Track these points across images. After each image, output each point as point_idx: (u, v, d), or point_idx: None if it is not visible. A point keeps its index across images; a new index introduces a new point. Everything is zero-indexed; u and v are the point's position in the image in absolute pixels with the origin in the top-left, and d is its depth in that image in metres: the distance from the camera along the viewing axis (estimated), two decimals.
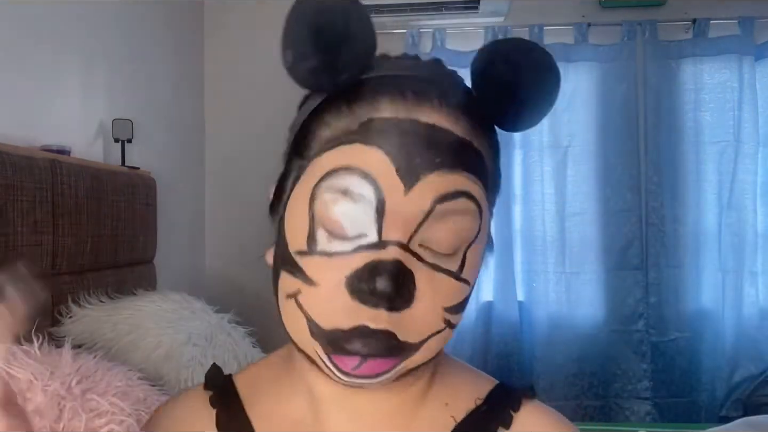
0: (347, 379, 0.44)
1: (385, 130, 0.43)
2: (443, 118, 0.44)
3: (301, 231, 0.44)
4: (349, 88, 0.45)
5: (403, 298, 0.41)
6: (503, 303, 2.67)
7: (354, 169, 0.42)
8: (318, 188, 0.43)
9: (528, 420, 0.51)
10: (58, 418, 1.02)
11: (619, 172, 2.65)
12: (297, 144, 0.47)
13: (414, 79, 0.45)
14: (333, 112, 0.45)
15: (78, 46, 1.88)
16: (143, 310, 1.62)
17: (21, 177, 1.40)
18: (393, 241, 0.42)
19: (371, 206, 0.42)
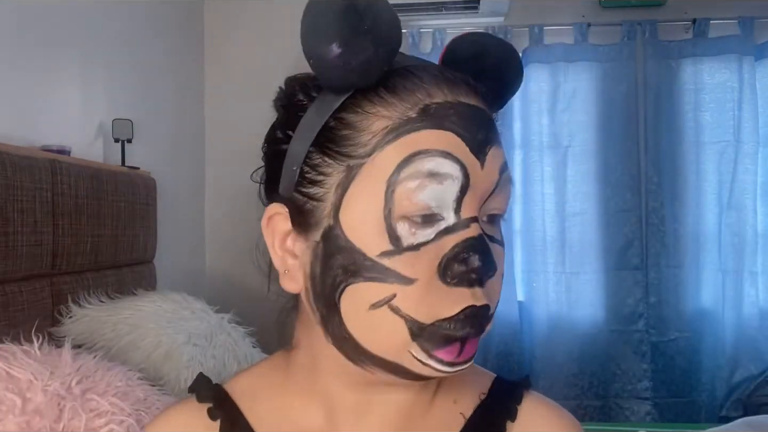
0: (451, 370, 0.44)
1: (446, 113, 0.44)
2: (477, 100, 0.46)
3: (378, 232, 0.42)
4: (381, 79, 0.44)
5: (492, 270, 0.44)
6: (503, 303, 2.63)
7: (434, 151, 0.42)
8: (395, 179, 0.42)
9: (531, 411, 0.53)
10: (58, 418, 1.02)
11: (619, 172, 2.65)
12: (328, 146, 0.45)
13: (433, 66, 0.47)
14: (379, 103, 0.44)
15: (78, 46, 1.88)
16: (143, 310, 1.62)
17: (21, 177, 1.40)
18: (470, 218, 0.43)
19: (458, 184, 0.43)
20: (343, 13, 0.41)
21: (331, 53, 0.41)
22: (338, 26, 0.41)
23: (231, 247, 2.66)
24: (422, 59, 0.50)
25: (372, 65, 0.42)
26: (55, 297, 1.54)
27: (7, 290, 1.37)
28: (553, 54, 2.66)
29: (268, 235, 0.49)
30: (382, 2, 0.43)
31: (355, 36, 0.41)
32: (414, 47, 2.71)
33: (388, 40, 0.43)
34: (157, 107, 2.39)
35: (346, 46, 0.41)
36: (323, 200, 0.45)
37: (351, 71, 0.42)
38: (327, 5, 0.42)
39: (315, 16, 0.43)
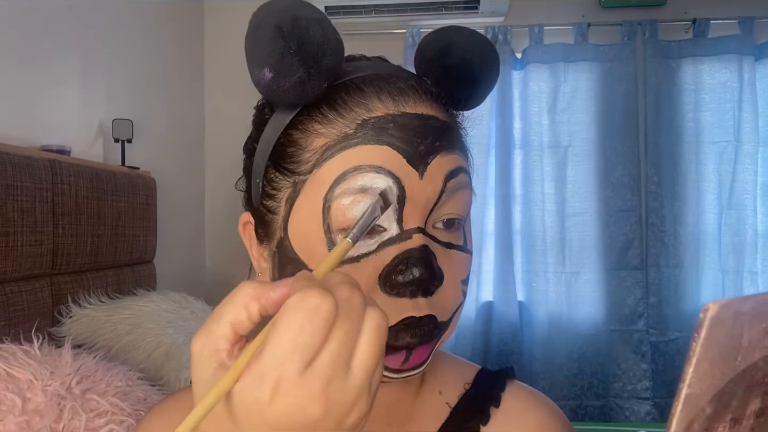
0: (396, 376, 0.45)
1: (383, 127, 0.44)
2: (427, 107, 0.46)
3: (318, 245, 0.44)
4: (325, 94, 0.45)
5: (437, 280, 0.44)
6: (503, 303, 2.67)
7: (366, 167, 0.43)
8: (330, 195, 0.43)
9: (514, 398, 0.55)
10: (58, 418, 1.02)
11: (619, 172, 2.65)
12: (279, 163, 0.47)
13: (385, 76, 0.47)
14: (318, 120, 0.45)
15: (78, 46, 1.88)
16: (143, 310, 1.63)
17: (21, 177, 1.40)
18: (414, 228, 0.44)
19: (393, 195, 0.43)
20: (271, 39, 0.43)
21: (265, 78, 0.43)
22: (267, 51, 0.43)
23: (231, 247, 2.65)
24: (384, 65, 0.50)
25: (305, 85, 0.44)
26: (55, 297, 1.54)
27: (7, 290, 1.37)
28: (553, 54, 2.66)
29: (245, 239, 0.52)
30: (311, 21, 0.43)
31: (282, 59, 0.43)
32: (414, 47, 2.71)
33: (318, 60, 0.43)
34: (157, 107, 2.39)
35: (276, 71, 0.43)
36: (276, 213, 0.47)
37: (285, 93, 0.44)
38: (259, 29, 0.44)
39: (250, 41, 0.44)
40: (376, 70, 0.48)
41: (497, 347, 2.66)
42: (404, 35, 2.73)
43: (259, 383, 0.30)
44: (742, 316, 0.26)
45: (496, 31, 2.68)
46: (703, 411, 0.26)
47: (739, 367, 0.27)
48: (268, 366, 0.30)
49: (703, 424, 0.26)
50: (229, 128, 2.80)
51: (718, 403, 0.27)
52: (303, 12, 0.44)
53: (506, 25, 2.69)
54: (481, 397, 0.54)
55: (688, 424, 0.26)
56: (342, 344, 0.31)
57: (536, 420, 0.54)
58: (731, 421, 0.27)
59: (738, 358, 0.27)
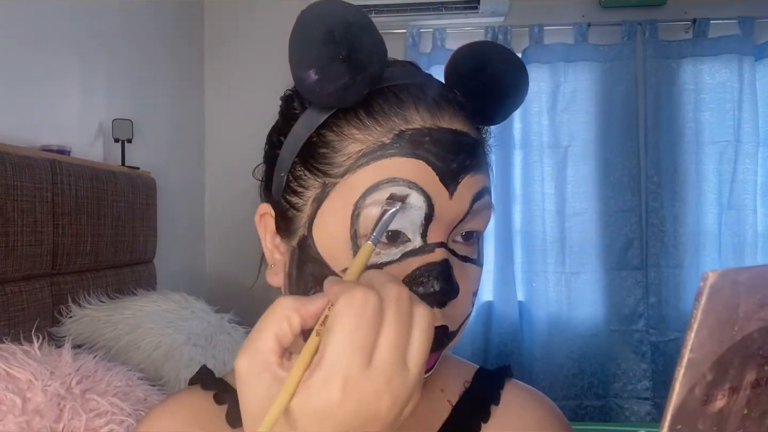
0: None
1: (420, 140, 0.44)
2: (461, 123, 0.47)
3: (344, 248, 0.44)
4: (364, 99, 0.45)
5: (453, 294, 0.44)
6: (503, 303, 2.67)
7: (399, 180, 0.43)
8: (362, 203, 0.43)
9: (513, 395, 0.56)
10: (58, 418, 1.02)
11: (619, 172, 2.65)
12: (309, 161, 0.47)
13: (421, 86, 0.47)
14: (356, 125, 0.45)
15: (78, 46, 1.88)
16: (143, 310, 1.63)
17: (21, 177, 1.40)
18: (437, 243, 0.44)
19: (421, 214, 0.44)
20: (322, 41, 0.43)
21: (309, 79, 0.43)
22: (315, 53, 0.43)
23: (231, 247, 2.66)
24: (418, 73, 0.50)
25: (349, 91, 0.44)
26: (55, 297, 1.54)
27: (7, 290, 1.37)
28: (553, 54, 2.66)
29: (260, 230, 0.52)
30: (363, 28, 0.44)
31: (330, 64, 0.43)
32: (414, 47, 2.71)
33: (365, 67, 0.44)
34: (157, 107, 2.39)
35: (322, 74, 0.43)
36: (301, 211, 0.47)
37: (328, 96, 0.44)
38: (309, 30, 0.43)
39: (298, 40, 0.44)
40: (412, 79, 0.48)
41: (497, 347, 2.66)
42: (404, 35, 2.73)
43: (326, 386, 0.31)
44: (739, 286, 0.27)
45: (496, 31, 2.68)
46: (704, 377, 0.28)
47: (735, 336, 0.28)
48: (333, 368, 0.32)
49: (704, 389, 0.28)
50: (229, 128, 2.81)
51: (717, 371, 0.28)
52: (355, 18, 0.44)
53: (506, 25, 2.69)
54: (481, 395, 0.55)
55: (690, 388, 0.28)
56: (397, 340, 0.33)
57: (534, 417, 0.56)
58: (730, 389, 0.29)
59: (735, 328, 0.28)
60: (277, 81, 0.52)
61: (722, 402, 0.29)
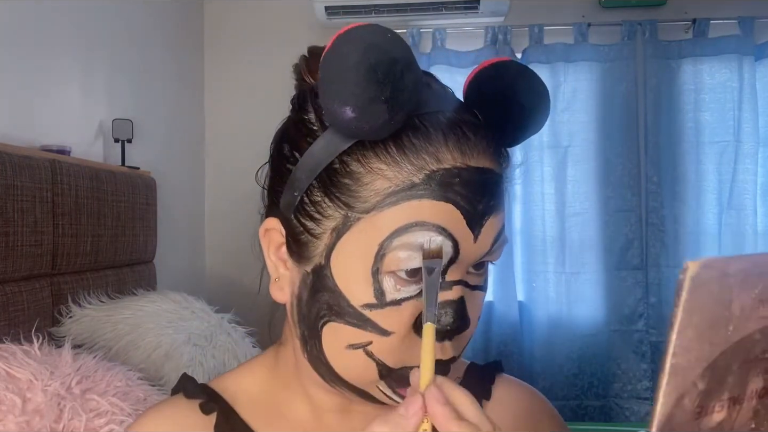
0: None
1: (450, 182, 0.43)
2: (488, 160, 0.46)
3: (364, 283, 0.44)
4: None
5: (465, 328, 0.45)
6: (503, 303, 2.67)
7: (429, 225, 0.43)
8: (388, 244, 0.43)
9: (504, 390, 0.57)
10: (58, 418, 1.02)
11: (619, 172, 2.65)
12: (331, 190, 0.45)
13: (454, 115, 0.46)
14: (384, 160, 0.43)
15: (78, 46, 1.88)
16: (143, 310, 1.62)
17: (21, 177, 1.40)
18: (455, 281, 0.44)
19: (447, 258, 0.43)
20: (363, 79, 0.40)
21: (345, 115, 0.41)
22: (354, 91, 0.40)
23: (231, 247, 2.66)
24: (441, 94, 0.48)
25: (384, 129, 0.42)
26: (55, 297, 1.54)
27: (7, 290, 1.37)
28: (553, 54, 2.66)
29: (264, 243, 0.50)
30: (407, 66, 0.41)
31: (370, 104, 0.40)
32: (414, 47, 2.71)
33: (405, 107, 0.42)
34: (157, 107, 2.39)
35: (360, 113, 0.40)
36: (318, 238, 0.46)
37: (363, 132, 0.42)
38: (348, 62, 0.40)
39: (335, 71, 0.41)
40: (439, 106, 0.46)
41: (497, 347, 2.66)
42: (404, 35, 2.72)
43: None
44: (729, 278, 0.24)
45: (496, 31, 2.68)
46: (694, 386, 0.24)
47: (731, 338, 0.24)
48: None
49: (696, 400, 0.24)
50: (229, 128, 2.81)
51: (711, 379, 0.24)
52: (400, 54, 0.41)
53: (506, 25, 2.69)
54: (472, 390, 0.55)
55: (678, 398, 0.24)
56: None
57: (525, 410, 0.56)
58: (730, 400, 0.25)
59: (729, 328, 0.24)
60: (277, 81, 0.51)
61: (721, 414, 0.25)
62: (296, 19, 2.69)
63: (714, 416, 0.25)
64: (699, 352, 0.24)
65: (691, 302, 0.23)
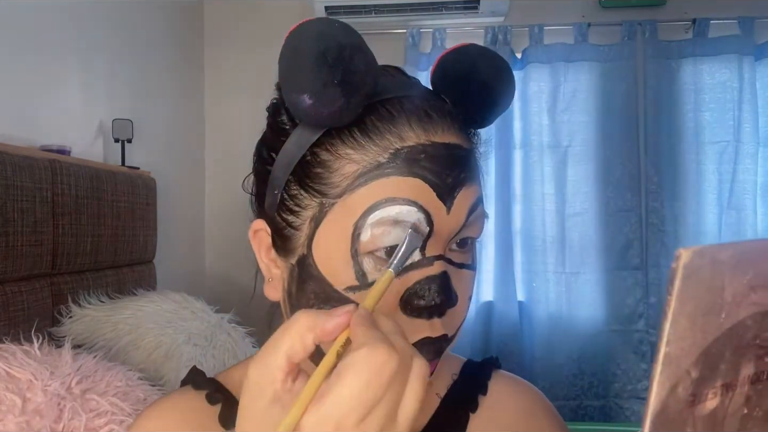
0: None
1: (416, 158, 0.45)
2: (453, 135, 0.47)
3: (345, 267, 0.45)
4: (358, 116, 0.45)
5: (451, 303, 0.45)
6: (503, 303, 2.67)
7: (399, 199, 0.44)
8: (362, 223, 0.44)
9: (500, 385, 0.58)
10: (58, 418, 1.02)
11: (619, 172, 2.65)
12: (305, 181, 0.47)
13: (414, 99, 0.48)
14: (351, 145, 0.45)
15: (78, 46, 1.88)
16: (143, 310, 1.62)
17: (21, 177, 1.40)
18: (435, 256, 0.45)
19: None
20: (315, 65, 0.42)
21: (303, 103, 0.43)
22: (309, 77, 0.42)
23: (231, 247, 2.66)
24: (405, 82, 0.50)
25: (344, 113, 0.44)
26: (55, 297, 1.54)
27: (7, 290, 1.37)
28: (553, 54, 2.66)
29: (255, 245, 0.52)
30: (355, 50, 0.43)
31: (324, 88, 0.42)
32: (414, 47, 2.71)
33: (360, 89, 0.44)
34: (157, 107, 2.39)
35: (317, 98, 0.43)
36: (299, 230, 0.47)
37: (323, 119, 0.44)
38: (300, 54, 0.43)
39: (289, 64, 0.44)
40: (402, 91, 0.48)
41: (497, 347, 2.66)
42: (404, 35, 2.72)
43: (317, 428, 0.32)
44: (721, 265, 0.24)
45: (496, 31, 2.68)
46: (687, 374, 0.24)
47: (723, 325, 0.24)
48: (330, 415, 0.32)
49: (689, 388, 0.24)
50: (229, 128, 2.81)
51: (704, 366, 0.24)
52: (347, 39, 0.43)
53: (506, 25, 2.69)
54: (469, 386, 0.56)
55: (672, 387, 0.24)
56: (394, 396, 0.34)
57: (522, 405, 0.57)
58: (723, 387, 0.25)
59: (722, 315, 0.24)
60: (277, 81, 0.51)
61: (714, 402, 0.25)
62: (296, 19, 2.61)
63: (707, 404, 0.25)
64: (692, 339, 0.24)
65: (684, 290, 0.23)
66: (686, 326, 0.23)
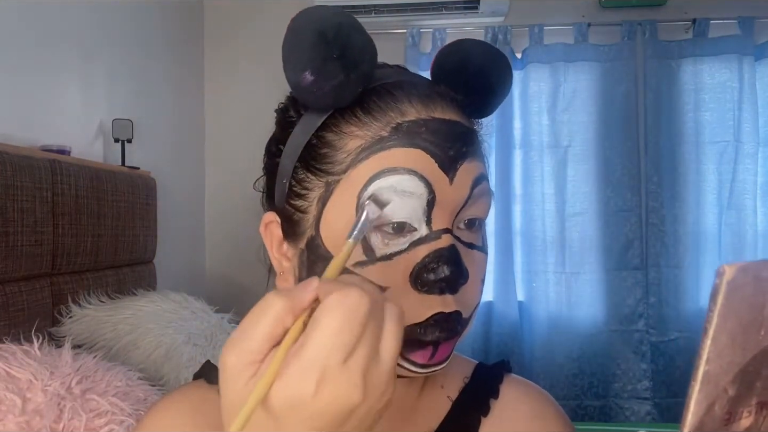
0: (423, 371, 0.47)
1: (416, 131, 0.46)
2: (454, 113, 0.48)
3: None
4: (360, 98, 0.47)
5: (464, 278, 0.46)
6: (503, 303, 2.67)
7: (400, 169, 0.45)
8: (364, 193, 0.45)
9: (512, 389, 0.57)
10: (58, 418, 1.02)
11: (619, 172, 2.65)
12: (310, 163, 0.48)
13: (412, 82, 0.49)
14: (354, 123, 0.47)
15: (78, 46, 1.88)
16: (143, 310, 1.63)
17: (21, 177, 1.40)
18: (442, 229, 0.45)
19: (423, 200, 0.45)
20: (314, 43, 0.44)
21: (305, 80, 0.45)
22: (309, 55, 0.44)
23: (231, 247, 2.66)
24: (407, 72, 0.52)
25: (344, 89, 0.45)
26: (55, 297, 1.54)
27: (7, 290, 1.37)
28: (553, 54, 2.65)
29: (266, 240, 0.52)
30: (352, 28, 0.45)
31: (324, 64, 0.44)
32: (414, 47, 2.71)
33: (358, 65, 0.45)
34: (157, 107, 2.39)
35: (318, 74, 0.44)
36: (307, 212, 0.48)
37: (324, 95, 0.45)
38: (301, 36, 0.45)
39: (290, 46, 0.46)
40: (402, 77, 0.50)
41: (497, 347, 2.66)
42: (404, 35, 2.72)
43: (302, 378, 0.32)
44: (763, 282, 0.23)
45: (496, 31, 2.68)
46: (725, 392, 0.23)
47: (762, 342, 0.23)
48: (312, 361, 0.32)
49: (725, 406, 0.23)
50: (229, 128, 2.81)
51: (741, 384, 0.23)
52: (345, 20, 0.46)
53: (506, 25, 2.69)
54: (481, 390, 0.56)
55: (709, 405, 0.23)
56: (373, 336, 0.34)
57: (534, 410, 0.57)
58: (758, 405, 0.24)
59: (761, 332, 0.23)
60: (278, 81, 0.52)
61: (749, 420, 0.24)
62: None
63: (742, 422, 0.25)
64: (731, 357, 0.23)
65: (727, 307, 0.22)
66: (726, 343, 0.23)
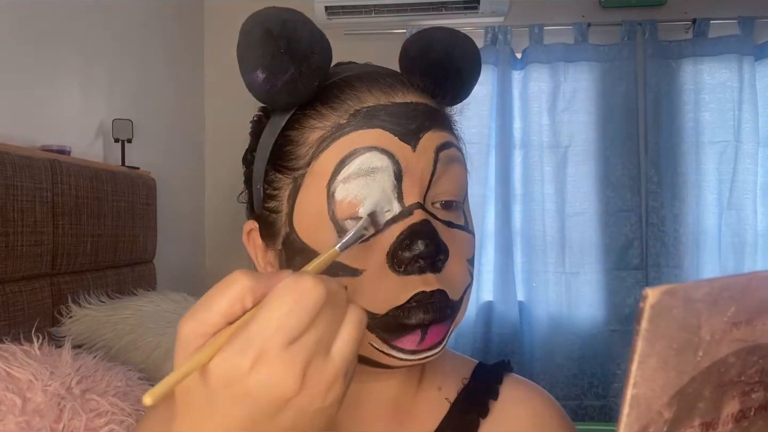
0: (413, 357, 0.45)
1: (375, 114, 0.46)
2: (416, 96, 0.48)
3: (326, 232, 0.45)
4: (318, 93, 0.47)
5: (443, 254, 0.44)
6: (503, 303, 2.67)
7: (362, 149, 0.44)
8: (333, 182, 0.44)
9: (511, 390, 0.56)
10: (58, 418, 1.02)
11: (619, 172, 2.65)
12: (278, 163, 0.48)
13: (374, 73, 0.49)
14: (314, 116, 0.47)
15: (78, 46, 1.88)
16: (143, 310, 1.62)
17: (21, 177, 1.40)
18: (414, 204, 0.45)
19: (390, 173, 0.44)
20: (261, 41, 0.45)
21: (258, 79, 0.46)
22: (258, 53, 0.45)
23: (231, 247, 2.66)
24: (372, 66, 0.52)
25: (297, 83, 0.45)
26: (55, 297, 1.54)
27: (7, 290, 1.37)
28: (553, 54, 2.65)
29: (250, 249, 0.52)
30: (298, 22, 0.45)
31: (273, 60, 0.45)
32: None
33: (308, 57, 0.45)
34: (157, 107, 2.39)
35: (268, 71, 0.45)
36: (280, 211, 0.48)
37: (278, 92, 0.45)
38: (249, 36, 0.46)
39: (242, 47, 0.46)
40: (365, 69, 0.50)
41: (497, 347, 2.66)
42: (404, 35, 2.72)
43: (240, 353, 0.32)
44: (695, 304, 0.23)
45: (496, 31, 2.68)
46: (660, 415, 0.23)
47: (701, 364, 0.23)
48: (252, 339, 0.32)
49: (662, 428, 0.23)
50: (229, 128, 2.80)
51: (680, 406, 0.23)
52: (290, 16, 0.46)
53: (506, 25, 2.69)
54: (480, 390, 0.56)
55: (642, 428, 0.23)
56: (325, 329, 0.33)
57: (534, 411, 0.56)
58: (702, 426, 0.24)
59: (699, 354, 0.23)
60: None
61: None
62: None
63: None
64: (664, 380, 0.23)
65: (652, 330, 0.22)
66: (656, 367, 0.23)
